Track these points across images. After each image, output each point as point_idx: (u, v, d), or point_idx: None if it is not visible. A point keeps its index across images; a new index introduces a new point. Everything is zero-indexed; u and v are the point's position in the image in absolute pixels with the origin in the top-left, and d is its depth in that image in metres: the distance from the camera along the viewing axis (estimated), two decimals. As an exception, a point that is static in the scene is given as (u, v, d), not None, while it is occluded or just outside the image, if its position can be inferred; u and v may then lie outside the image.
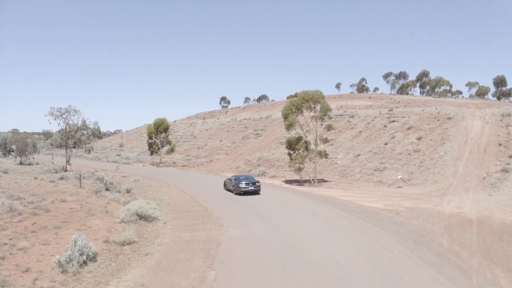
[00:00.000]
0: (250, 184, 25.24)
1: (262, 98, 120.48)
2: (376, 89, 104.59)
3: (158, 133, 53.04)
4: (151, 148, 53.52)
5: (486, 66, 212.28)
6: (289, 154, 31.96)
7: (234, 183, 25.93)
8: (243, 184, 25.11)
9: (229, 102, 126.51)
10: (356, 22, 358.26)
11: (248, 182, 25.34)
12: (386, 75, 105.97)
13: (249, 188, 25.04)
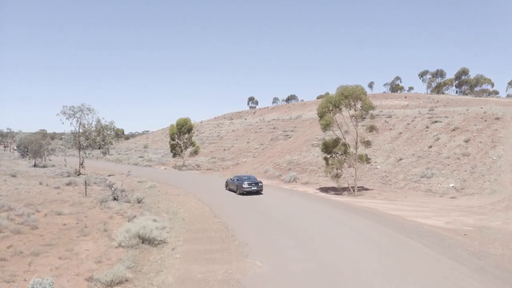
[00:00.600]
0: (253, 184, 25.78)
1: (291, 98, 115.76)
2: (410, 88, 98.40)
3: (181, 133, 50.07)
4: (174, 149, 50.68)
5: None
6: (325, 159, 27.74)
7: (237, 183, 26.45)
8: (246, 184, 25.60)
9: (257, 103, 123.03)
10: (387, 22, 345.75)
11: (250, 182, 25.88)
12: (422, 74, 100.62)
13: (252, 188, 25.56)
